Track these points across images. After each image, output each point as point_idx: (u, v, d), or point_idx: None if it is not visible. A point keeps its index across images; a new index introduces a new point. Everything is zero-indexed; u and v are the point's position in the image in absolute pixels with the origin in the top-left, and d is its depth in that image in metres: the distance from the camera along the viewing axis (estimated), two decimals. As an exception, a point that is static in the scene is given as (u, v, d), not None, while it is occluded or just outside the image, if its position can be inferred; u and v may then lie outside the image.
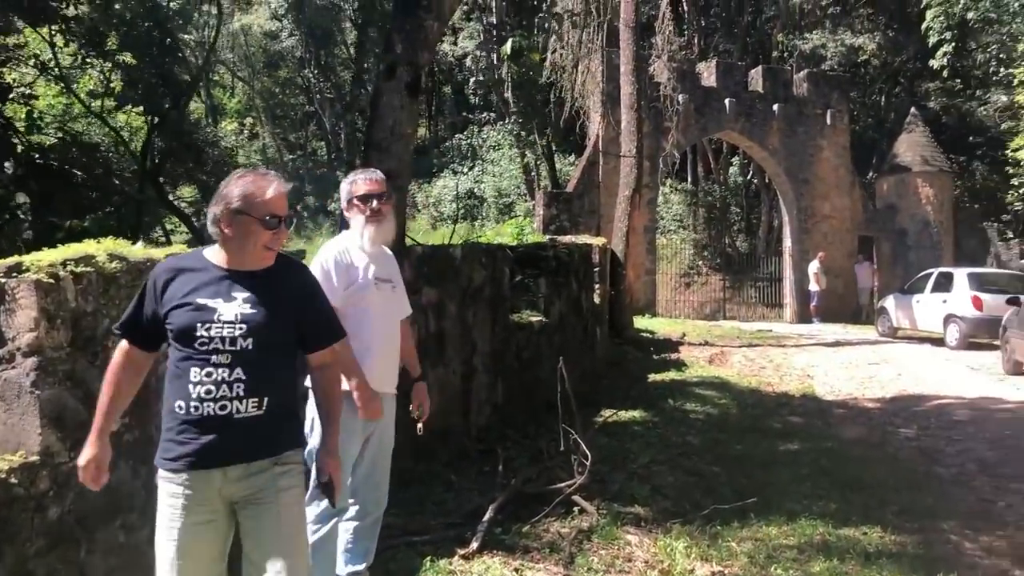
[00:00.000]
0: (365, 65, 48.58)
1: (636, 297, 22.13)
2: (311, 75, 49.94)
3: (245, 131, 52.72)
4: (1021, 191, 17.36)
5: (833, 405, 10.12)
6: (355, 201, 3.79)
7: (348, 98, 51.82)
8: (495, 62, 35.29)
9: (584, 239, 12.39)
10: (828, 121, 24.32)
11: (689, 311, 25.87)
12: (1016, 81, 17.93)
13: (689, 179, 32.52)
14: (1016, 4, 20.59)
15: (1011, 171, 18.07)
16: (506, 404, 7.40)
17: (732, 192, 32.58)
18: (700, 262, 30.10)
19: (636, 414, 8.53)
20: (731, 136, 24.41)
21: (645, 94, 21.62)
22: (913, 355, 15.02)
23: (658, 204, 33.16)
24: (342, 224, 3.95)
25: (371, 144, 5.87)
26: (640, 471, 6.24)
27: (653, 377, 11.32)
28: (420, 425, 3.95)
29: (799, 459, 7.05)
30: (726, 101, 23.30)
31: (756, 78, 24.16)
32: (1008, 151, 17.80)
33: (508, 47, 13.11)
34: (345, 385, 3.22)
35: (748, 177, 32.24)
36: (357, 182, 3.83)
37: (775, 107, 23.75)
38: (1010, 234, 20.91)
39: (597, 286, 11.63)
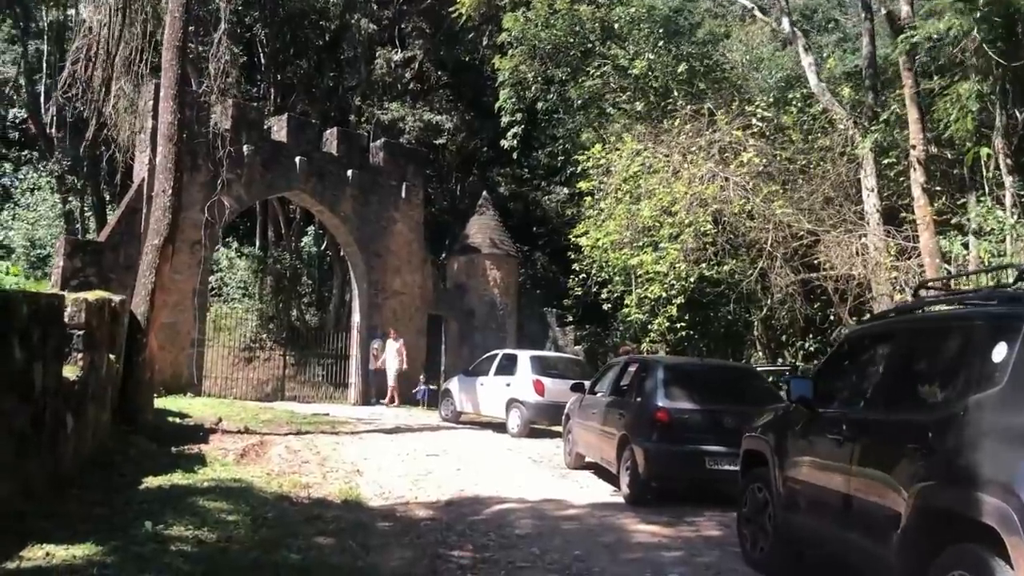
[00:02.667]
0: None
1: (177, 372, 18.74)
2: None
3: None
4: (580, 276, 17.32)
5: (378, 516, 8.01)
6: None
7: None
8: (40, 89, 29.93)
9: (85, 295, 9.18)
10: (403, 194, 23.38)
11: (247, 389, 22.95)
12: (579, 169, 18.26)
13: (258, 244, 29.80)
14: (578, 101, 21.50)
15: (571, 256, 18.12)
16: None
17: (305, 262, 30.48)
18: (264, 335, 27.33)
19: (84, 549, 5.57)
20: (301, 197, 22.32)
21: (195, 131, 18.85)
22: (475, 444, 13.76)
23: (221, 268, 30.02)
24: None
25: None
26: None
27: (150, 482, 8.33)
28: None
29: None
30: (297, 159, 21.23)
31: (331, 140, 22.49)
32: (572, 236, 17.85)
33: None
34: None
35: (323, 247, 30.41)
36: None
37: (350, 172, 22.21)
38: (570, 317, 21.42)
39: (80, 356, 8.42)
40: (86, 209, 31.93)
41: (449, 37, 28.16)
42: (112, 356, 10.62)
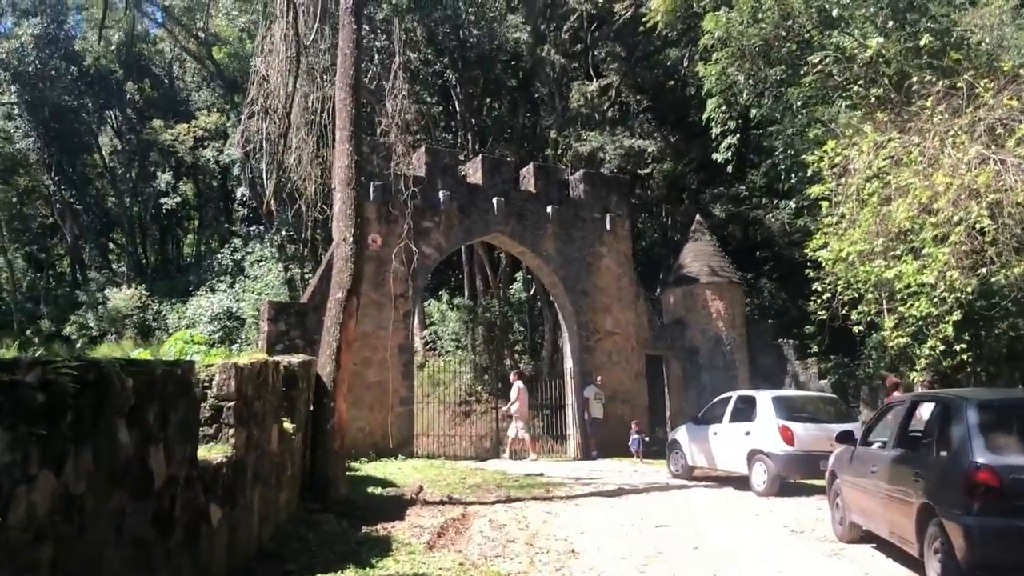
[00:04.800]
0: (128, 175, 42.85)
1: (387, 433, 17.78)
2: (51, 183, 43.15)
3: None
4: (823, 297, 14.56)
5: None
6: None
7: (96, 209, 45.55)
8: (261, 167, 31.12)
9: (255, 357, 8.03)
10: (608, 226, 21.56)
11: (466, 446, 21.91)
12: (811, 172, 15.57)
13: (467, 294, 29.02)
14: (798, 102, 18.89)
15: (810, 274, 15.42)
16: None
17: (515, 309, 29.32)
18: (479, 387, 26.27)
19: None
20: (501, 240, 21.06)
21: (388, 180, 18.11)
22: (713, 507, 11.43)
23: (433, 321, 29.48)
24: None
25: None
26: None
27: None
28: None
29: None
30: (494, 200, 20.06)
31: (528, 177, 21.17)
32: (809, 250, 15.16)
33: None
34: None
35: (532, 292, 29.15)
36: None
37: (549, 209, 20.74)
38: (814, 348, 18.45)
39: (232, 432, 7.17)
40: (306, 274, 32.70)
41: (646, 56, 26.30)
42: (291, 426, 9.44)
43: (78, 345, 35.89)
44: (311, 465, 10.80)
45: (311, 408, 11.05)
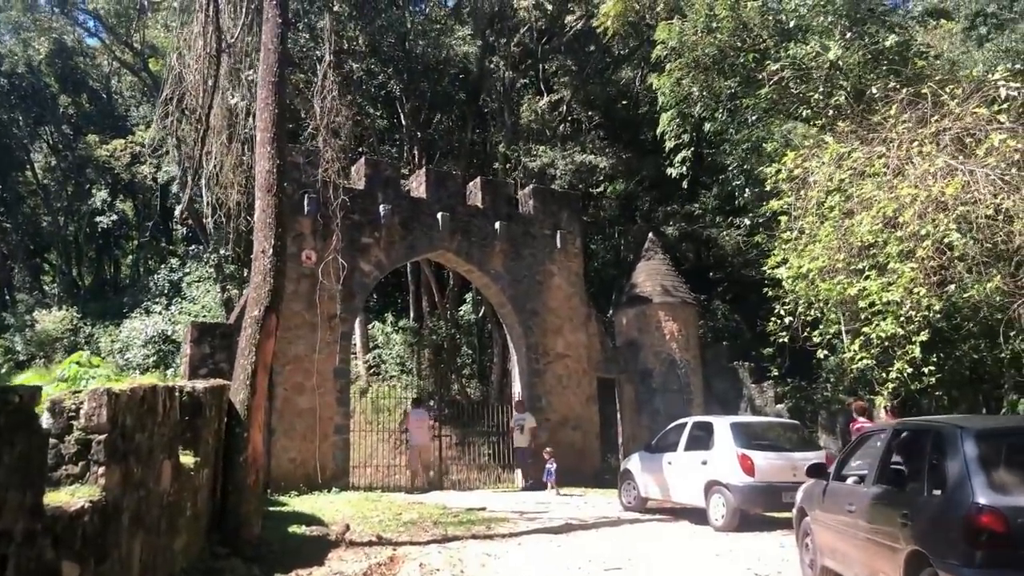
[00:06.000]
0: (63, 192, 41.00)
1: (323, 463, 16.55)
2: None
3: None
4: (786, 320, 13.69)
5: None
6: None
7: (28, 228, 43.46)
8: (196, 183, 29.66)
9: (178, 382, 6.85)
10: (558, 243, 20.64)
11: (410, 476, 20.59)
12: (768, 186, 14.78)
13: (412, 315, 27.87)
14: (753, 116, 18.27)
15: (768, 292, 14.59)
16: None
17: (464, 331, 28.21)
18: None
19: None
20: (447, 257, 20.00)
21: (321, 191, 17.01)
22: (669, 546, 10.42)
23: (378, 344, 28.24)
24: None
25: None
26: None
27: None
28: None
29: None
30: (439, 215, 19.02)
31: (475, 191, 20.19)
32: (767, 268, 14.33)
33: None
34: None
35: (480, 314, 28.09)
36: None
37: (497, 225, 19.76)
38: (773, 371, 17.58)
39: (102, 471, 5.98)
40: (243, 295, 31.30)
41: (597, 72, 25.58)
42: (192, 460, 8.24)
43: (2, 370, 33.98)
44: (221, 503, 9.59)
45: (223, 439, 9.86)
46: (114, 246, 45.98)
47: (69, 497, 5.36)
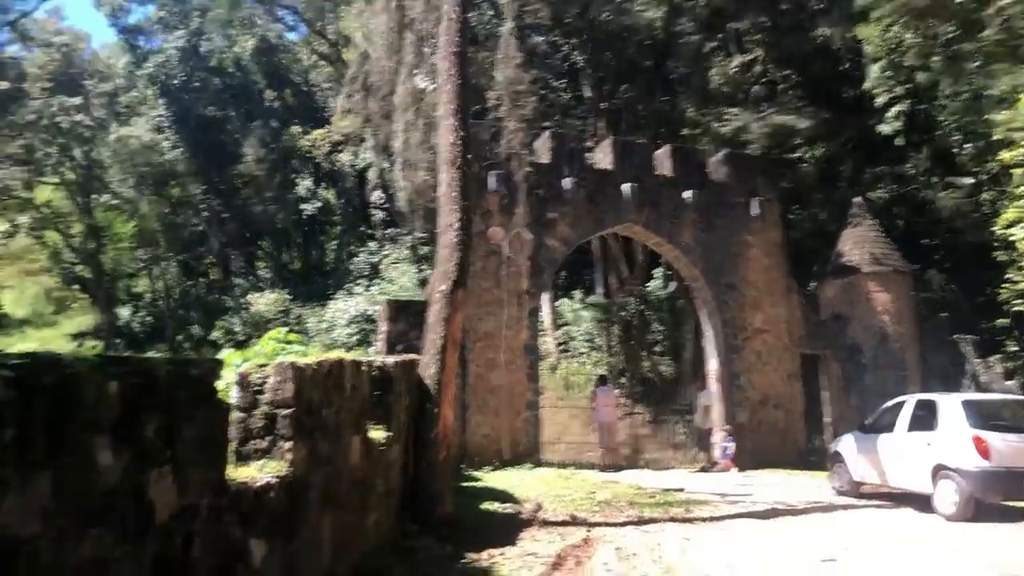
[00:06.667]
0: (271, 182, 43.73)
1: (516, 440, 16.51)
2: (198, 192, 44.67)
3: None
4: (1020, 285, 12.12)
5: None
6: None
7: (242, 217, 46.65)
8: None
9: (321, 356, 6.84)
10: (754, 212, 19.47)
11: (603, 453, 20.30)
12: (996, 136, 13.14)
13: (601, 291, 27.40)
14: (973, 63, 16.35)
15: (998, 256, 12.99)
16: None
17: (652, 306, 27.43)
18: (617, 391, 24.61)
19: None
20: (634, 230, 19.36)
21: (508, 167, 16.83)
22: (892, 536, 9.41)
23: (567, 321, 28.03)
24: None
25: None
26: None
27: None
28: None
29: None
30: (625, 187, 18.40)
31: (663, 160, 19.38)
32: (997, 228, 12.75)
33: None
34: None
35: (671, 289, 27.18)
36: None
37: (687, 195, 18.88)
38: (1009, 345, 15.54)
39: (288, 447, 5.94)
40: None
41: (793, 27, 23.92)
42: (383, 435, 8.19)
43: (223, 350, 36.71)
44: (413, 480, 9.57)
45: (413, 415, 9.84)
46: (319, 231, 48.52)
47: (256, 472, 5.29)
